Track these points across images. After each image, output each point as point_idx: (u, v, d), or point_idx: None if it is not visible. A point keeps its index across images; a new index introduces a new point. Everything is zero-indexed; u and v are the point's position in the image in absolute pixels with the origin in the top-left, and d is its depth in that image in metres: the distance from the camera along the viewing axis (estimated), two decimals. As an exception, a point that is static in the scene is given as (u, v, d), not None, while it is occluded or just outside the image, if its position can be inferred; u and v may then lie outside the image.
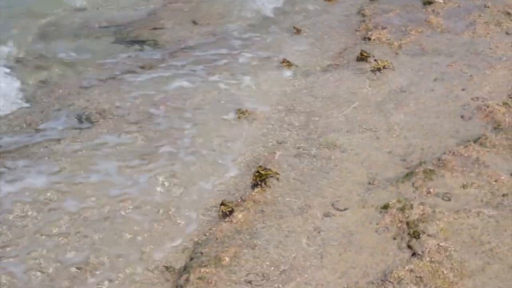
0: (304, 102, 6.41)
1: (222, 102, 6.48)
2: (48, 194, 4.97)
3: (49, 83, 7.09)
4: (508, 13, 8.13)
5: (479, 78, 6.56)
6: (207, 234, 4.51)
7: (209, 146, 5.70)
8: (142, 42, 8.22)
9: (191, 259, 4.24)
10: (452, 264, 3.92)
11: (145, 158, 5.48)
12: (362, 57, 7.23)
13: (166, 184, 5.13)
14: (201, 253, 4.23)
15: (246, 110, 6.22)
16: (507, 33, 7.64)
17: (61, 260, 4.34)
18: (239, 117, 6.13)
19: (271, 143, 5.70)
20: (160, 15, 9.17)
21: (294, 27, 8.39)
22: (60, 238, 4.54)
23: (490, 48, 7.25)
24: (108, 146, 5.70)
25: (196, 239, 4.51)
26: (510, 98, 6.05)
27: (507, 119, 5.64)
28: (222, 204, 4.76)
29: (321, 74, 7.04)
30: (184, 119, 6.17)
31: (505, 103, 5.91)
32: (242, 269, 4.06)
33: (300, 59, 7.46)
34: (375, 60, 7.08)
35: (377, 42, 7.71)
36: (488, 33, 7.66)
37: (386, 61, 7.06)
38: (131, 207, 4.86)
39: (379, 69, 6.93)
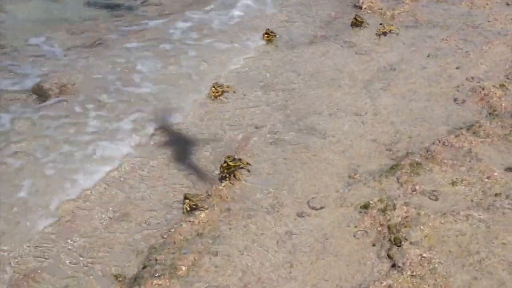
0: (284, 78, 5.91)
1: (197, 76, 5.98)
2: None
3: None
4: (510, -18, 7.57)
5: (476, 54, 6.07)
6: (164, 236, 4.03)
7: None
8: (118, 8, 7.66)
9: (144, 267, 3.79)
10: (436, 280, 3.50)
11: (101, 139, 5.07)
12: (357, 23, 6.75)
13: (123, 175, 4.69)
14: (156, 260, 3.78)
15: (222, 85, 5.73)
16: (508, 4, 7.11)
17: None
18: (214, 95, 5.64)
19: (244, 127, 5.21)
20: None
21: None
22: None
23: (489, 21, 6.73)
24: (68, 124, 5.25)
25: (152, 242, 4.02)
26: (508, 78, 5.59)
27: (503, 104, 5.19)
28: (185, 198, 4.30)
29: (306, 46, 6.51)
30: (150, 95, 5.71)
31: (502, 85, 5.44)
32: (201, 280, 3.62)
33: (284, 29, 6.91)
34: (380, 23, 6.62)
35: (369, 11, 7.17)
36: (487, 4, 7.13)
37: (392, 25, 6.58)
38: (80, 200, 4.44)
39: (384, 33, 6.53)
